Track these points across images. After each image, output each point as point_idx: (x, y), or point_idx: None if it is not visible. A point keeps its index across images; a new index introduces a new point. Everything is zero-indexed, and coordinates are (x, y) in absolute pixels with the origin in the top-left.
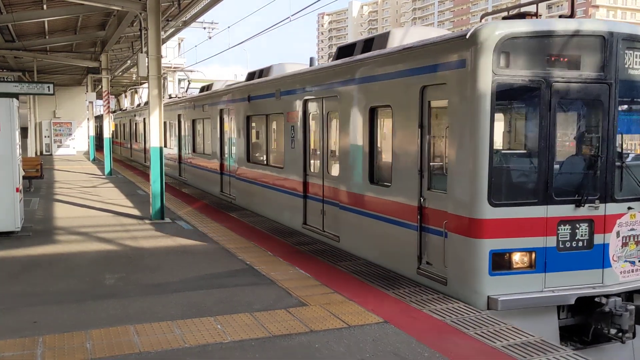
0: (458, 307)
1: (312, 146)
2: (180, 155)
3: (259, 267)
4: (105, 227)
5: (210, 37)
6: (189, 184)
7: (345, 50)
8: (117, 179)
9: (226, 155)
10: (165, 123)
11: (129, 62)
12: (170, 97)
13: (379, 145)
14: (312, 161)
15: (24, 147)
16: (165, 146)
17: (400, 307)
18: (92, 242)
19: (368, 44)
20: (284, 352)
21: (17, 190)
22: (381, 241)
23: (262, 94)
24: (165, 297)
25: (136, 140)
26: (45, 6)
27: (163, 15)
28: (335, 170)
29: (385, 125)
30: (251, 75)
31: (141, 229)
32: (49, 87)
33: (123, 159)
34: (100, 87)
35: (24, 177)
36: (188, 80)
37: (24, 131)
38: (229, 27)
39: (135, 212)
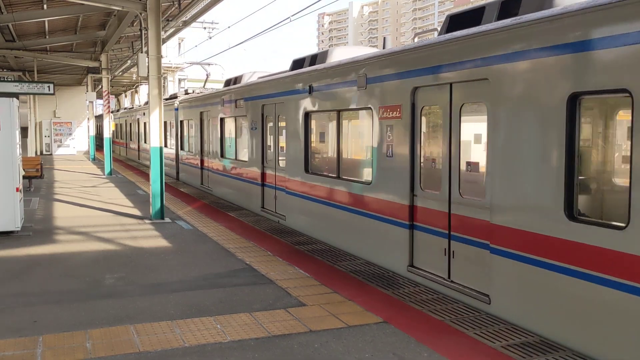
0: (457, 307)
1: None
2: (202, 161)
3: (258, 266)
4: (105, 227)
5: (210, 37)
6: (215, 195)
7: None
8: (117, 178)
9: (269, 163)
10: (182, 123)
11: (129, 62)
12: (187, 93)
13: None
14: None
15: (24, 146)
16: (182, 149)
17: (400, 307)
18: (92, 241)
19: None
20: (283, 352)
21: (17, 189)
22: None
23: (335, 83)
24: (164, 296)
25: (146, 142)
26: (45, 6)
27: (163, 15)
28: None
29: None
30: (297, 63)
31: (141, 228)
32: (49, 86)
33: (133, 164)
34: (100, 86)
35: (24, 177)
36: (207, 74)
37: (24, 131)
38: (229, 26)
39: (135, 212)
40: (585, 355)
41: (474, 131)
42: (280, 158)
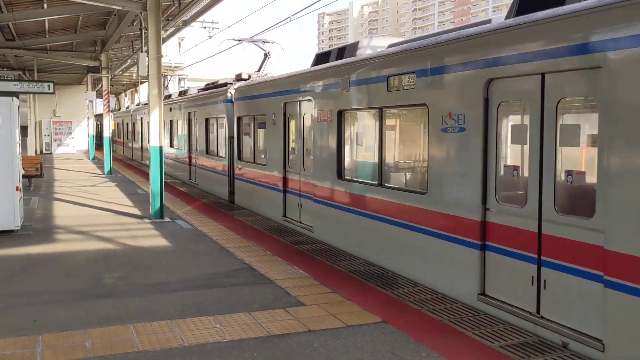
0: (456, 307)
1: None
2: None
3: (257, 266)
4: (105, 226)
5: (210, 37)
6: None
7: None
8: (116, 178)
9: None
10: (241, 120)
11: (129, 61)
12: (242, 79)
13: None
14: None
15: (23, 145)
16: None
17: (399, 307)
18: (91, 241)
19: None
20: (282, 352)
21: (17, 188)
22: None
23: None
24: (164, 296)
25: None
26: (45, 5)
27: (163, 14)
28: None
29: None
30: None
31: (141, 228)
32: (49, 86)
33: (134, 164)
34: (100, 86)
35: (23, 176)
36: (266, 53)
37: (24, 130)
38: (229, 26)
39: (135, 211)
40: None
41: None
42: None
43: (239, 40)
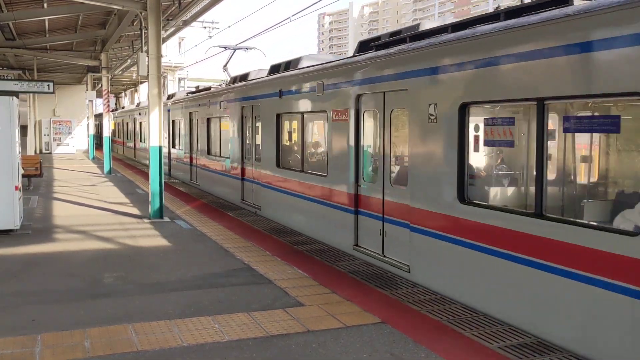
0: (455, 307)
1: None
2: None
3: (257, 266)
4: (104, 226)
5: (210, 37)
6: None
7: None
8: (116, 177)
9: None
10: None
11: (129, 61)
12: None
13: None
14: None
15: (23, 145)
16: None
17: (398, 307)
18: (91, 240)
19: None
20: (281, 352)
21: (17, 188)
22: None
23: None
24: (163, 296)
25: (176, 146)
26: (45, 4)
27: (163, 14)
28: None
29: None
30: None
31: (140, 228)
32: (49, 85)
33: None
34: (100, 85)
35: (23, 176)
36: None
37: (23, 129)
38: (229, 26)
39: (134, 211)
40: None
41: None
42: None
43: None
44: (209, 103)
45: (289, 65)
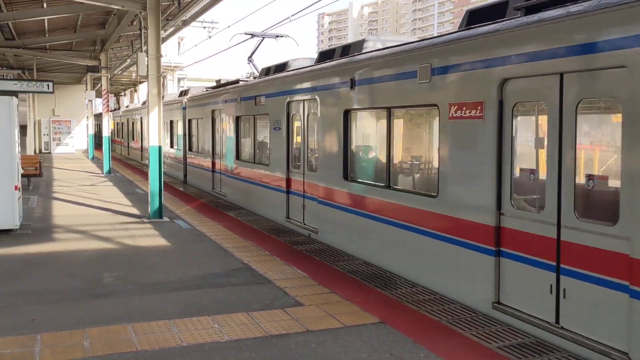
0: (454, 307)
1: None
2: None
3: (256, 266)
4: (104, 226)
5: (210, 37)
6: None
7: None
8: (115, 177)
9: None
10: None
11: (128, 60)
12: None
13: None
14: None
15: (23, 145)
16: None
17: (397, 307)
18: (90, 240)
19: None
20: (280, 352)
21: (16, 188)
22: None
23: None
24: (163, 296)
25: (197, 149)
26: (45, 4)
27: (163, 14)
28: None
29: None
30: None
31: (139, 227)
32: (48, 85)
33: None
34: (99, 85)
35: (22, 175)
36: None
37: (23, 129)
38: (229, 26)
39: (134, 210)
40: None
41: None
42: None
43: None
44: (239, 99)
45: (347, 49)
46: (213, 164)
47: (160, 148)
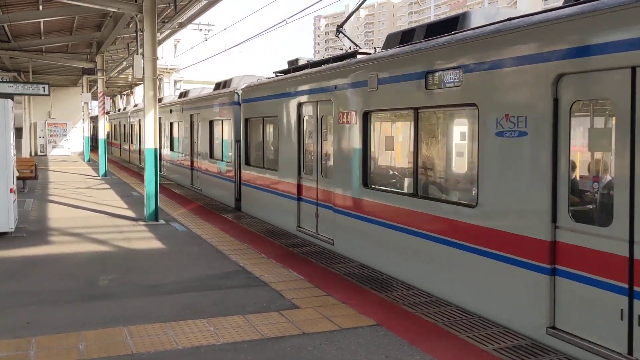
0: (450, 309)
1: None
2: (300, 186)
3: (252, 269)
4: (100, 228)
5: (206, 39)
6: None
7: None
8: (111, 180)
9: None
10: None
11: (124, 63)
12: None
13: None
14: None
15: (18, 147)
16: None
17: (393, 310)
18: (86, 243)
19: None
20: (276, 355)
21: (11, 190)
22: None
23: None
24: (158, 298)
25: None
26: (41, 7)
27: (159, 17)
28: None
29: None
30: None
31: (135, 230)
32: (44, 87)
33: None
34: (95, 88)
35: (18, 178)
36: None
37: (18, 132)
38: (225, 29)
39: (130, 213)
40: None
41: None
42: None
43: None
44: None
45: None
46: (299, 189)
47: (156, 151)
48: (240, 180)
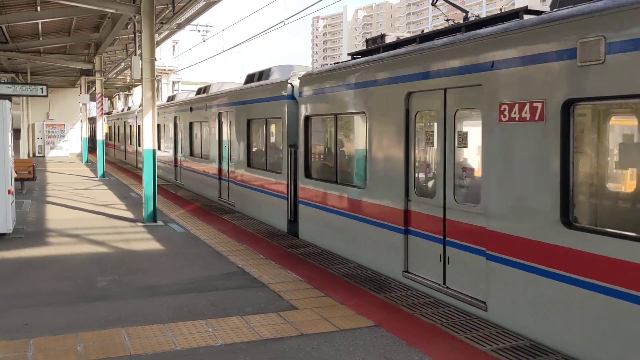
0: (449, 310)
1: None
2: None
3: (250, 270)
4: (98, 230)
5: (204, 40)
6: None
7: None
8: (110, 181)
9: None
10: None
11: (122, 64)
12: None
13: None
14: None
15: (16, 148)
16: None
17: (391, 310)
18: (84, 244)
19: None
20: (274, 356)
21: (9, 192)
22: None
23: None
24: (156, 299)
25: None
26: (39, 8)
27: (157, 18)
28: None
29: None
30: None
31: (134, 231)
32: (42, 88)
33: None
34: (94, 89)
35: (16, 179)
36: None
37: (16, 133)
38: (223, 30)
39: (128, 214)
40: None
41: None
42: None
43: None
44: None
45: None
46: (407, 216)
47: (154, 151)
48: (295, 197)
